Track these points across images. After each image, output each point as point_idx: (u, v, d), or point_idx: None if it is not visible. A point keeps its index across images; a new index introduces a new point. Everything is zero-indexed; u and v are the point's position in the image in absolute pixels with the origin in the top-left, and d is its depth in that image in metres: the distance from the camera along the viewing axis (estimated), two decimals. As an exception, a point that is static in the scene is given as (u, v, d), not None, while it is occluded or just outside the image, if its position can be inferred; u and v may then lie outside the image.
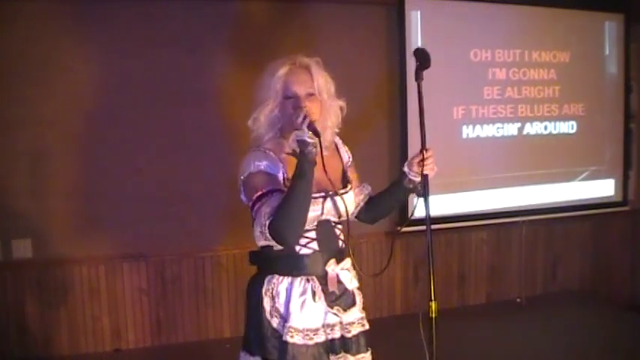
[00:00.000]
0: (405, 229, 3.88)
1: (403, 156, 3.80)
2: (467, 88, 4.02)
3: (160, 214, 3.52)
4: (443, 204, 3.90)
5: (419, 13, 3.84)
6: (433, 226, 1.77)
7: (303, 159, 1.57)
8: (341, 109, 1.81)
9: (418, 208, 1.82)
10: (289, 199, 1.57)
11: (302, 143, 1.57)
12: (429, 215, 1.74)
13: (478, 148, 4.06)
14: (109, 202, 3.45)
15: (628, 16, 4.38)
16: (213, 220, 3.63)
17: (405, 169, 1.85)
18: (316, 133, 1.57)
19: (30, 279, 3.37)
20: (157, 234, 3.53)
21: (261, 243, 1.65)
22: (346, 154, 1.93)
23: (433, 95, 1.81)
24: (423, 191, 1.78)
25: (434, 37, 3.83)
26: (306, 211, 1.62)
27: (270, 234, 1.58)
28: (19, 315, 3.35)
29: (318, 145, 1.59)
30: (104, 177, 3.45)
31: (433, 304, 1.69)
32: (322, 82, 1.75)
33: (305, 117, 1.58)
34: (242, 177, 1.71)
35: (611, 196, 4.48)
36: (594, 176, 4.41)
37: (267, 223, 1.58)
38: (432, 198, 1.78)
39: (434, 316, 1.68)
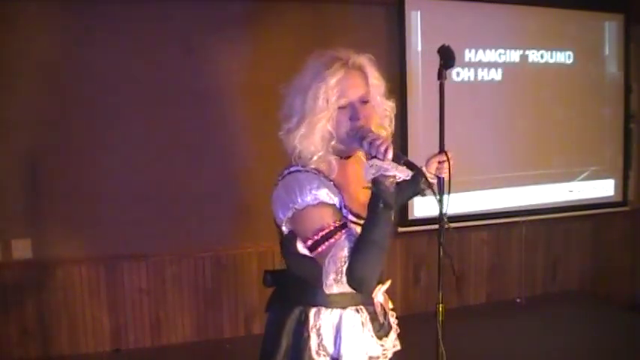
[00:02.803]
0: (405, 229, 3.93)
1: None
2: (467, 88, 4.02)
3: (159, 214, 3.52)
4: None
5: (419, 13, 3.84)
6: (432, 227, 1.75)
7: (384, 194, 1.33)
8: (392, 111, 1.59)
9: (421, 209, 1.79)
10: (369, 242, 1.35)
11: (384, 177, 1.33)
12: (443, 218, 1.70)
13: (478, 149, 4.06)
14: (109, 202, 3.45)
15: (628, 17, 4.38)
16: (213, 220, 3.63)
17: (423, 169, 1.75)
18: (412, 166, 1.33)
19: (30, 279, 3.37)
20: (157, 234, 3.53)
21: (332, 290, 1.39)
22: None
23: (433, 95, 1.79)
24: (440, 193, 1.71)
25: (434, 37, 3.82)
26: (386, 251, 1.40)
27: (348, 282, 1.35)
28: (19, 315, 3.35)
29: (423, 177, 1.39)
30: (104, 177, 3.44)
31: (440, 307, 1.67)
32: (376, 83, 1.53)
33: (386, 145, 1.32)
34: (294, 207, 1.41)
35: (611, 197, 4.48)
36: (594, 176, 4.41)
37: (345, 269, 1.34)
38: (432, 198, 1.77)
39: (441, 319, 1.67)
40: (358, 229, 1.42)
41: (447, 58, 1.68)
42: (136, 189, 3.48)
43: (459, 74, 3.95)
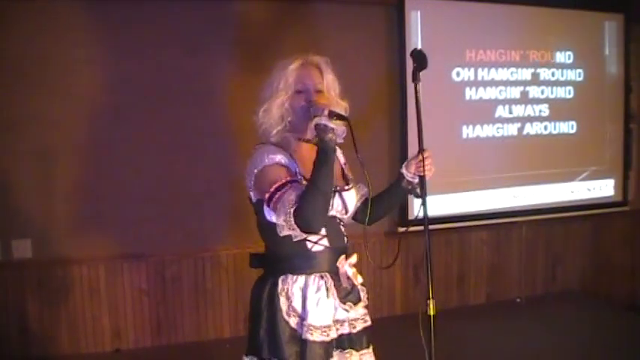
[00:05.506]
0: (404, 229, 3.91)
1: (403, 156, 3.80)
2: (467, 89, 4.02)
3: (160, 214, 3.52)
4: (443, 204, 3.90)
5: (419, 13, 3.84)
6: (433, 227, 1.80)
7: (325, 145, 1.59)
8: (345, 110, 1.76)
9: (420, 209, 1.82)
10: (313, 186, 1.58)
11: (322, 130, 1.58)
12: (427, 216, 1.77)
13: (478, 149, 4.06)
14: (109, 202, 3.46)
15: (628, 16, 4.39)
16: (213, 220, 3.64)
17: (403, 170, 1.85)
18: (341, 117, 1.60)
19: (30, 279, 3.37)
20: (157, 234, 3.53)
21: (284, 233, 1.64)
22: (342, 157, 1.93)
23: (433, 95, 1.80)
24: (421, 192, 1.80)
25: (434, 37, 3.84)
26: (330, 197, 1.65)
27: (296, 222, 1.58)
28: (19, 315, 3.35)
29: (347, 130, 1.64)
30: (104, 177, 3.45)
31: (431, 302, 1.70)
32: (330, 80, 1.78)
33: (323, 106, 1.61)
34: (255, 170, 1.69)
35: (611, 196, 4.49)
36: (594, 176, 4.41)
37: (292, 210, 1.57)
38: (431, 198, 1.80)
39: (432, 314, 1.69)
40: None
41: (420, 61, 1.78)
42: (137, 189, 3.49)
43: (459, 74, 3.95)
